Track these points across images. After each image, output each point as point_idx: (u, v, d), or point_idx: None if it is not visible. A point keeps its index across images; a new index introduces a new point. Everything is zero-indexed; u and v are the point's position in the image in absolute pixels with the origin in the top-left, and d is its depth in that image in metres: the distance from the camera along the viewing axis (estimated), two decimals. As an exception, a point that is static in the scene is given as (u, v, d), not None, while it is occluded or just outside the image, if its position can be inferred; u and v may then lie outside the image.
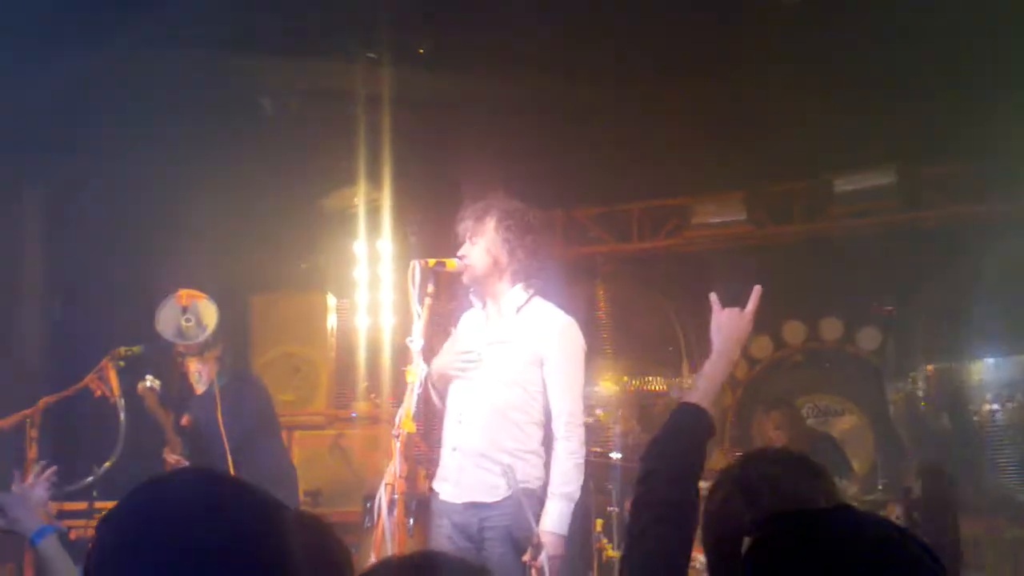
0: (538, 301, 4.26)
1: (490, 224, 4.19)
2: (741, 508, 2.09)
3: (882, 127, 6.55)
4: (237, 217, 7.38)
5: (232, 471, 4.86)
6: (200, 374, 5.32)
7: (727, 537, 2.03)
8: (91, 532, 4.76)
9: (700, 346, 8.25)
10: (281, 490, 5.43)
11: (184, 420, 5.38)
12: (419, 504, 5.82)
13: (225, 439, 4.97)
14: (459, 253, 4.21)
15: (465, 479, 4.11)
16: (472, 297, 4.33)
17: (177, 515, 1.32)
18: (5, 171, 6.29)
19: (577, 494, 4.11)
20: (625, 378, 8.15)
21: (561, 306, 4.29)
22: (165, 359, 5.35)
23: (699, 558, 5.77)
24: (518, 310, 4.21)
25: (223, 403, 5.10)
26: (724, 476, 2.23)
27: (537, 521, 3.90)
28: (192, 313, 5.17)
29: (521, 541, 3.96)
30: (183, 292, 5.19)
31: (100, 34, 5.53)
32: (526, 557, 3.89)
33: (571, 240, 8.12)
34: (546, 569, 3.79)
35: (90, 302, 6.87)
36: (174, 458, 5.34)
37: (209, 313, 5.17)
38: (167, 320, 5.13)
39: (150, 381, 5.04)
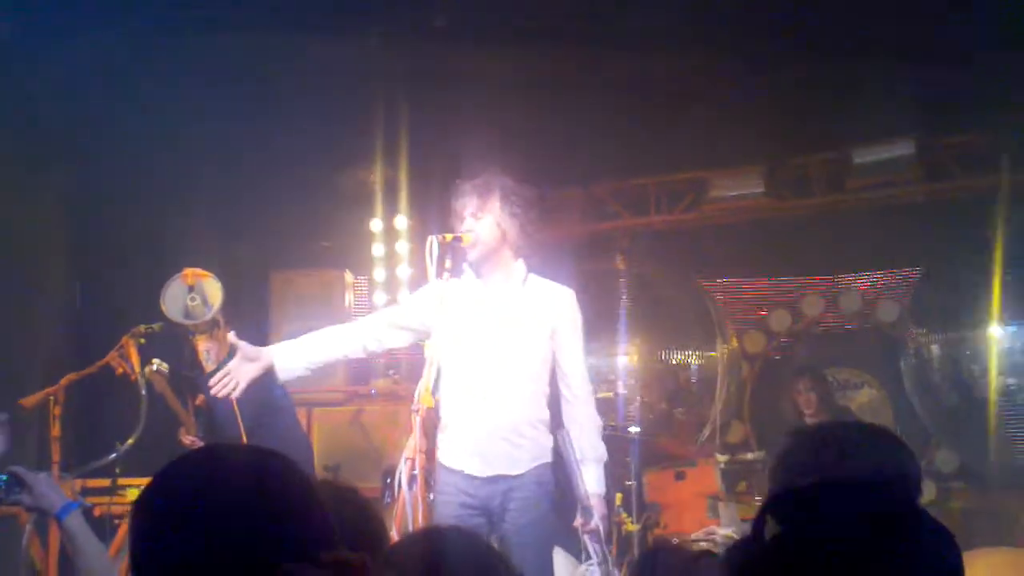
0: (535, 276, 4.36)
1: (495, 199, 4.23)
2: (806, 460, 2.08)
3: (901, 98, 6.50)
4: (254, 194, 7.40)
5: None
6: (209, 352, 5.32)
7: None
8: (115, 508, 4.82)
9: (728, 318, 8.27)
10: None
11: (199, 400, 5.41)
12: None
13: (240, 419, 4.98)
14: (464, 228, 4.23)
15: (492, 452, 4.15)
16: (471, 269, 4.34)
17: (226, 487, 1.34)
18: (28, 151, 6.31)
19: (605, 455, 4.25)
20: (646, 353, 8.15)
21: (573, 281, 4.39)
22: (181, 337, 5.38)
23: (719, 531, 5.82)
24: (523, 283, 4.26)
25: None
26: (795, 434, 2.24)
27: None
28: (198, 292, 5.17)
29: (545, 510, 4.06)
30: (188, 271, 5.19)
31: (112, 14, 5.54)
32: (578, 522, 3.97)
33: (588, 216, 8.10)
34: (600, 529, 3.93)
35: (110, 280, 6.91)
36: (189, 439, 5.37)
37: (214, 291, 5.17)
38: (173, 299, 5.13)
39: (157, 364, 5.06)
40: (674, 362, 8.34)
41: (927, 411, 7.66)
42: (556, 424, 4.23)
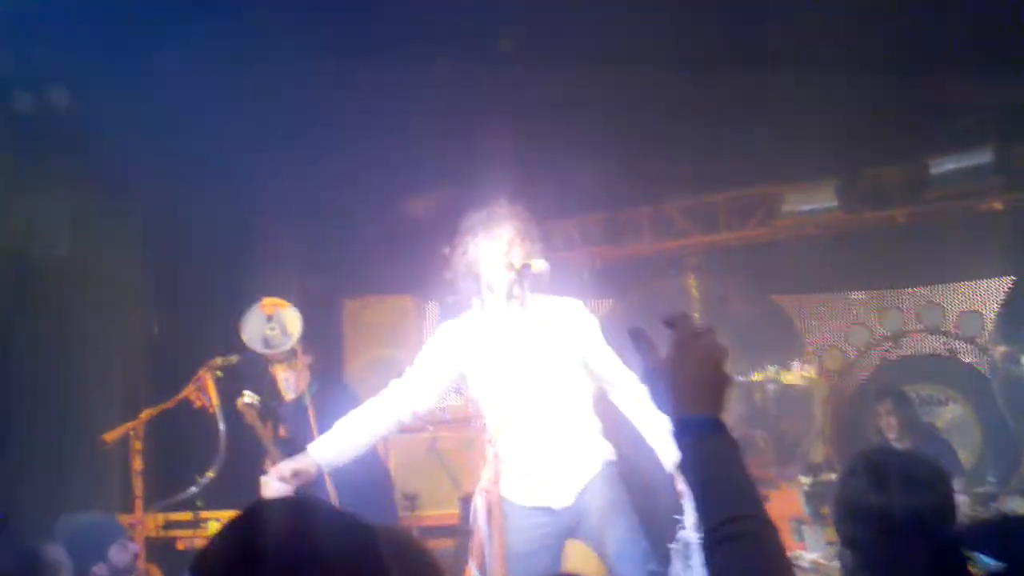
0: (539, 296, 4.26)
1: (508, 225, 4.23)
2: (867, 488, 2.21)
3: (977, 107, 6.35)
4: (327, 222, 7.46)
5: (327, 480, 4.90)
6: (288, 381, 5.37)
7: (855, 514, 2.23)
8: (197, 542, 4.86)
9: (808, 334, 8.14)
10: (377, 495, 5.48)
11: (282, 431, 5.44)
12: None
13: None
14: (464, 264, 4.26)
15: (560, 484, 4.12)
16: (487, 294, 4.28)
17: (273, 546, 1.32)
18: (108, 181, 6.43)
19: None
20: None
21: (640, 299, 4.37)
22: (260, 368, 5.42)
23: (804, 555, 5.69)
24: (530, 306, 4.21)
25: (316, 413, 5.13)
26: (857, 459, 2.37)
27: None
28: (276, 321, 5.21)
29: (622, 501, 4.04)
30: (266, 301, 5.23)
31: (189, 46, 5.62)
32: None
33: (658, 234, 8.02)
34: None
35: (187, 311, 7.00)
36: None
37: (293, 321, 5.21)
38: (252, 330, 5.17)
39: (248, 397, 5.08)
40: (750, 382, 8.19)
41: (1021, 427, 7.43)
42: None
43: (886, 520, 2.18)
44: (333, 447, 4.25)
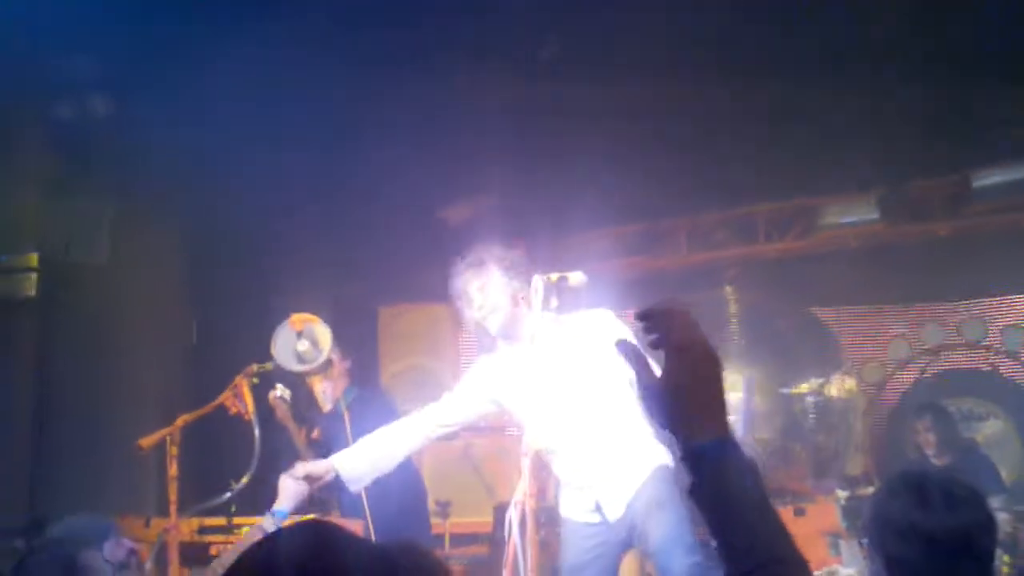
0: (565, 316, 4.22)
1: (493, 267, 4.22)
2: (909, 508, 2.23)
3: (1019, 119, 6.27)
4: (361, 230, 7.49)
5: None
6: (325, 392, 5.39)
7: (899, 534, 2.22)
8: (230, 547, 4.88)
9: (847, 347, 8.05)
10: (411, 503, 5.48)
11: (315, 434, 5.46)
12: (548, 517, 5.81)
13: None
14: (476, 305, 4.23)
15: (616, 497, 4.08)
16: (502, 342, 4.27)
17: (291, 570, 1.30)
18: (146, 189, 6.49)
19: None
20: (758, 385, 7.96)
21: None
22: (298, 377, 5.44)
23: (841, 570, 5.62)
24: (559, 324, 4.17)
25: (351, 421, 5.14)
26: (896, 478, 2.37)
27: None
28: (307, 336, 5.22)
29: (674, 501, 3.96)
30: (296, 317, 5.24)
31: (225, 53, 5.66)
32: None
33: (695, 245, 7.98)
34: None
35: (223, 319, 7.05)
36: (306, 473, 5.44)
37: (323, 335, 5.21)
38: (284, 347, 5.17)
39: (280, 390, 5.11)
40: (789, 394, 8.12)
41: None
42: None
43: (931, 538, 2.18)
44: (353, 461, 4.27)
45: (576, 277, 4.13)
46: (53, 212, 6.41)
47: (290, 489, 4.10)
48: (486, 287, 4.22)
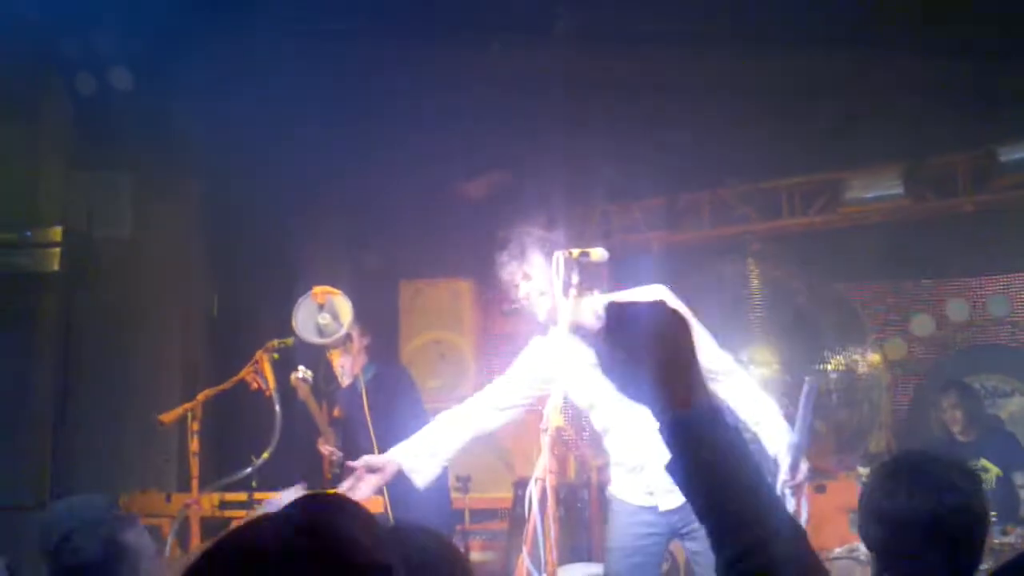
0: (615, 295, 4.14)
1: (535, 255, 4.14)
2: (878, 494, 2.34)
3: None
4: (382, 204, 7.48)
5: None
6: (344, 367, 5.38)
7: (885, 518, 2.30)
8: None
9: (871, 323, 7.99)
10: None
11: (336, 411, 5.47)
12: (568, 493, 5.81)
13: (372, 433, 5.01)
14: (520, 293, 4.15)
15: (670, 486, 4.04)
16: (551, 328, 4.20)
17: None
18: (167, 162, 6.50)
19: (775, 408, 4.18)
20: (781, 361, 7.91)
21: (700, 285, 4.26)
22: (318, 351, 5.45)
23: (861, 548, 5.60)
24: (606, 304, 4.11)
25: (369, 396, 5.14)
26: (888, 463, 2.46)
27: None
28: (328, 310, 5.22)
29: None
30: (317, 290, 5.23)
31: (241, 24, 5.65)
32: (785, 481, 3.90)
33: (718, 219, 7.92)
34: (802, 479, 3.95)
35: (245, 290, 7.07)
36: (327, 449, 5.46)
37: (344, 308, 5.20)
38: (305, 319, 5.18)
39: (302, 372, 5.11)
40: (812, 370, 8.05)
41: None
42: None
43: (894, 521, 2.29)
44: (420, 453, 4.19)
45: (597, 252, 4.08)
46: (76, 186, 6.44)
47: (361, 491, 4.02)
48: (531, 274, 4.16)
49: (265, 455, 4.90)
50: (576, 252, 4.03)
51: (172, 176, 6.67)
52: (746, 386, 4.17)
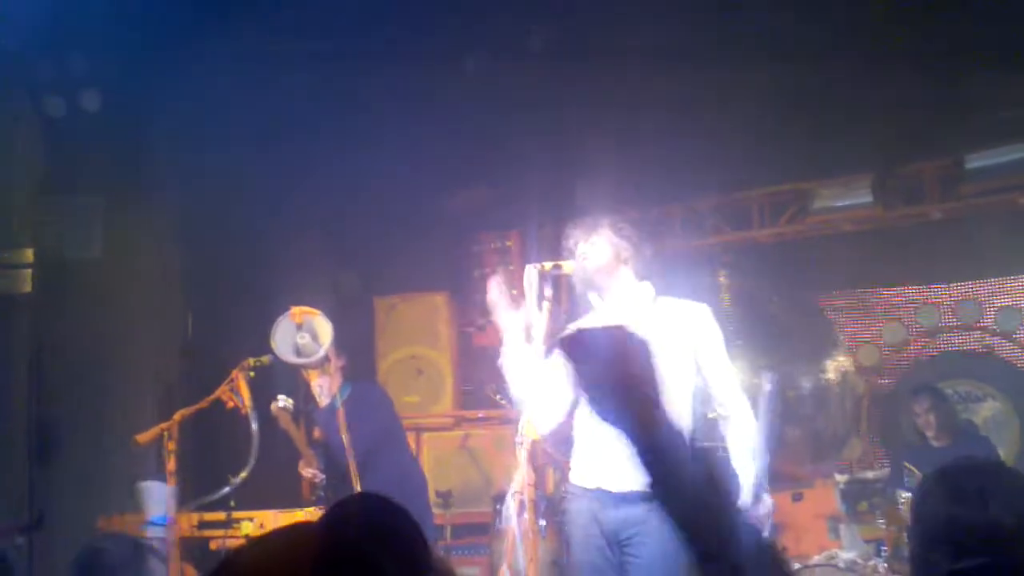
0: (665, 297, 4.25)
1: (605, 227, 4.20)
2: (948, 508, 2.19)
3: (1012, 101, 6.26)
4: (357, 219, 7.48)
5: (358, 484, 4.92)
6: (322, 388, 5.38)
7: (932, 535, 2.18)
8: (230, 542, 4.89)
9: (842, 330, 8.05)
10: (409, 497, 5.48)
11: (316, 434, 5.46)
12: (548, 505, 5.82)
13: (349, 454, 5.00)
14: (578, 253, 4.18)
15: (629, 469, 4.03)
16: (591, 296, 4.26)
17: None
18: (140, 180, 6.48)
19: (759, 470, 4.16)
20: (754, 370, 7.96)
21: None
22: (294, 370, 5.44)
23: (841, 555, 5.63)
24: (652, 304, 4.18)
25: (346, 417, 5.12)
26: (934, 478, 2.30)
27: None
28: (307, 330, 5.21)
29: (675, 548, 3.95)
30: (296, 310, 5.23)
31: (219, 45, 5.65)
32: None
33: (689, 232, 7.97)
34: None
35: (219, 313, 7.04)
36: (309, 472, 5.43)
37: (323, 329, 5.20)
38: (283, 339, 5.17)
39: (283, 401, 5.09)
40: (784, 379, 8.10)
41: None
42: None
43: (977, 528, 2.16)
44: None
45: (570, 266, 4.13)
46: (47, 208, 6.41)
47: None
48: (593, 239, 4.19)
49: (243, 475, 4.89)
50: (548, 265, 4.07)
51: (143, 197, 6.65)
52: (741, 442, 4.12)
